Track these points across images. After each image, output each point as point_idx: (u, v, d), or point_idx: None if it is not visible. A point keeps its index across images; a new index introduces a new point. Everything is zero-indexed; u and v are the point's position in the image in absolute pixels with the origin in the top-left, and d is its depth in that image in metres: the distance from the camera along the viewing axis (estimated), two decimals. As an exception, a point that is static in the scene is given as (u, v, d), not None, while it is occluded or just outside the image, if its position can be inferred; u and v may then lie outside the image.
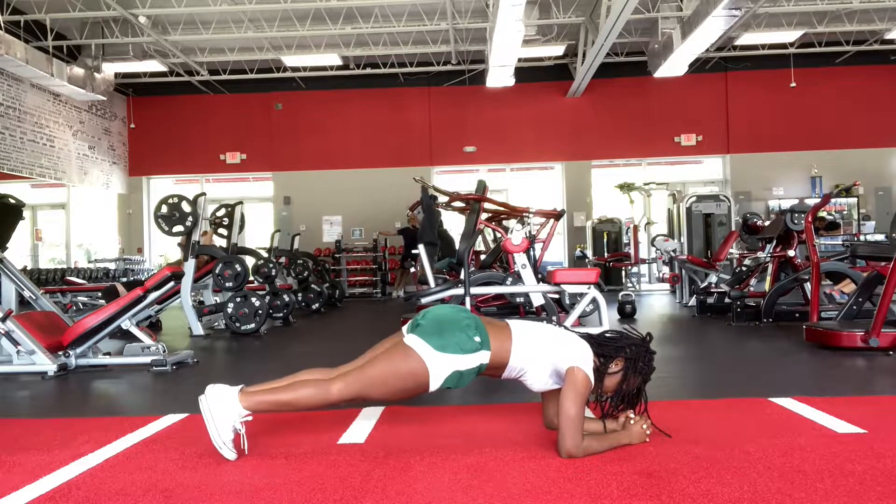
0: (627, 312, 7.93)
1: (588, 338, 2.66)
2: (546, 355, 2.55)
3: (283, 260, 9.81)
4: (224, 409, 2.45)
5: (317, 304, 9.98)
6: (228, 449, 2.45)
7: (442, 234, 10.46)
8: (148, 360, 4.81)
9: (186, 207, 7.34)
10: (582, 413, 2.44)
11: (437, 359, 2.47)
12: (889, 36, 12.50)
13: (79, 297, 8.95)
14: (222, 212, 8.57)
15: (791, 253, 7.21)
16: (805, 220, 6.32)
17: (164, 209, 7.34)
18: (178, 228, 7.36)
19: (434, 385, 2.50)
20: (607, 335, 2.66)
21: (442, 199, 7.61)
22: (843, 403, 3.19)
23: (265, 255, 9.09)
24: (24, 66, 9.50)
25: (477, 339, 2.51)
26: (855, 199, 13.47)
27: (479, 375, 2.60)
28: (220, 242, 8.64)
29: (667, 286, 11.47)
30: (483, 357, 2.52)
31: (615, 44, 11.61)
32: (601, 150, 14.20)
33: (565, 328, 2.75)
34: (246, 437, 2.50)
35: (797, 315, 6.57)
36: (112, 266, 12.07)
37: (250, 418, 2.49)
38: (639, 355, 2.58)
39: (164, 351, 4.90)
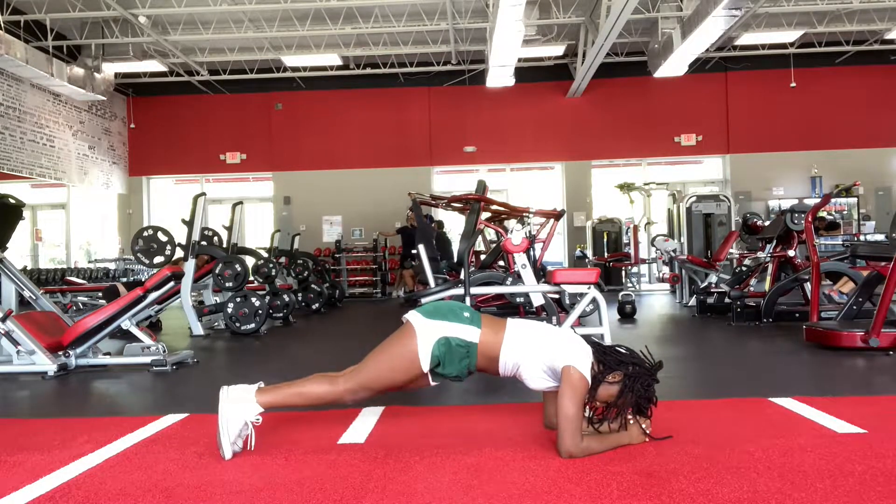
0: (627, 312, 7.92)
1: (594, 343, 2.65)
2: (539, 350, 2.55)
3: (283, 260, 9.81)
4: (239, 406, 2.53)
5: (317, 304, 9.98)
6: (227, 447, 2.49)
7: (440, 235, 10.48)
8: (148, 360, 4.81)
9: (163, 237, 7.25)
10: (580, 412, 2.44)
11: (426, 324, 2.58)
12: (889, 36, 12.50)
13: (79, 297, 8.95)
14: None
15: (791, 253, 7.21)
16: (805, 220, 6.32)
17: (141, 243, 7.21)
18: (159, 259, 7.22)
19: (423, 351, 2.53)
20: (617, 348, 2.64)
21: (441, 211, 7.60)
22: (843, 403, 3.19)
23: (265, 255, 9.09)
24: (24, 66, 9.49)
25: (466, 314, 2.62)
26: (855, 199, 13.47)
27: (477, 371, 2.63)
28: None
29: (667, 286, 11.47)
30: (472, 333, 2.56)
31: (615, 44, 11.60)
32: (601, 150, 14.20)
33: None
34: (254, 435, 2.59)
35: (797, 315, 6.57)
36: (112, 266, 12.07)
37: (260, 420, 2.56)
38: (640, 377, 2.53)
39: (164, 351, 4.90)
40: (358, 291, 14.10)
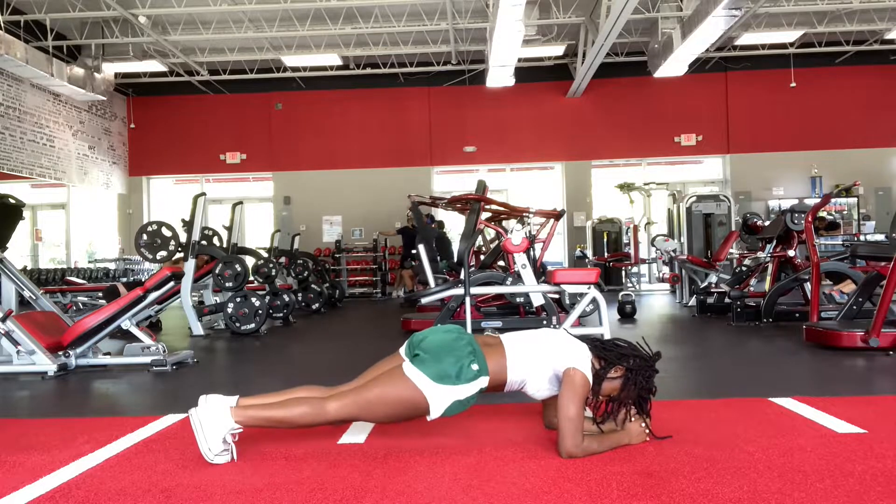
0: (627, 312, 7.92)
1: (592, 340, 2.66)
2: (542, 362, 2.56)
3: (283, 260, 9.81)
4: (215, 421, 2.44)
5: (317, 305, 9.98)
6: (219, 457, 2.45)
7: (440, 235, 10.47)
8: (148, 360, 4.81)
9: (167, 232, 7.30)
10: (581, 413, 2.44)
11: (436, 390, 2.46)
12: (889, 36, 12.49)
13: (79, 297, 8.95)
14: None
15: (791, 253, 7.21)
16: (805, 220, 6.32)
17: (145, 237, 7.28)
18: (162, 254, 7.30)
19: (434, 414, 2.49)
20: (616, 342, 2.66)
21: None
22: (843, 403, 3.18)
23: (265, 255, 9.09)
24: (24, 66, 9.49)
25: (475, 367, 2.50)
26: (855, 199, 13.47)
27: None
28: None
29: (667, 286, 11.47)
30: (482, 383, 2.52)
31: (615, 44, 11.60)
32: (601, 150, 14.20)
33: (566, 330, 2.75)
34: (235, 447, 2.48)
35: (797, 315, 6.57)
36: (112, 266, 12.07)
37: (240, 430, 2.48)
38: (641, 369, 2.55)
39: (164, 351, 4.90)
40: (358, 291, 14.10)
